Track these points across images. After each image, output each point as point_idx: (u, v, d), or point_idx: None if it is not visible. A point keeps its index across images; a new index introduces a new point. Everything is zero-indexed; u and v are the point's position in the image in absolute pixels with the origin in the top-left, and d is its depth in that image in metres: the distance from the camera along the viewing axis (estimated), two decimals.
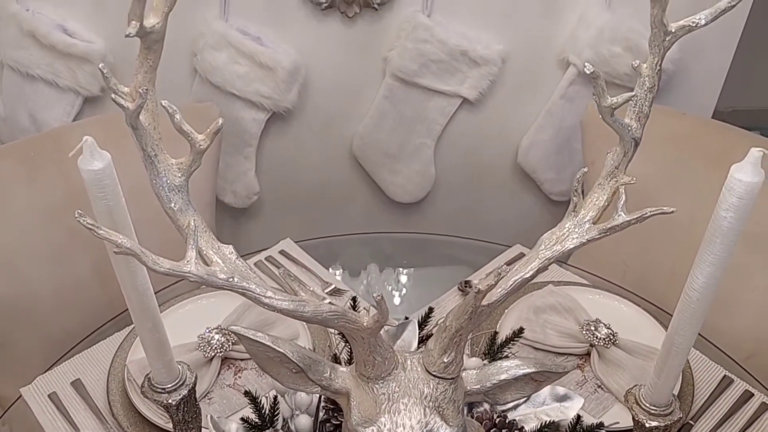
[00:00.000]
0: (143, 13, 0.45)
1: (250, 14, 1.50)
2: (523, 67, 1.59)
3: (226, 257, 0.54)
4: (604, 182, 0.61)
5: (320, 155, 1.72)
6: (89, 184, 0.52)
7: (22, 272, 1.27)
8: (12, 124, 1.59)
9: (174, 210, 0.52)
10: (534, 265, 0.59)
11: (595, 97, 0.56)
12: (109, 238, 0.47)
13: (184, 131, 0.49)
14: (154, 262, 0.49)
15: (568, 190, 1.74)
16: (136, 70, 0.48)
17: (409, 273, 1.42)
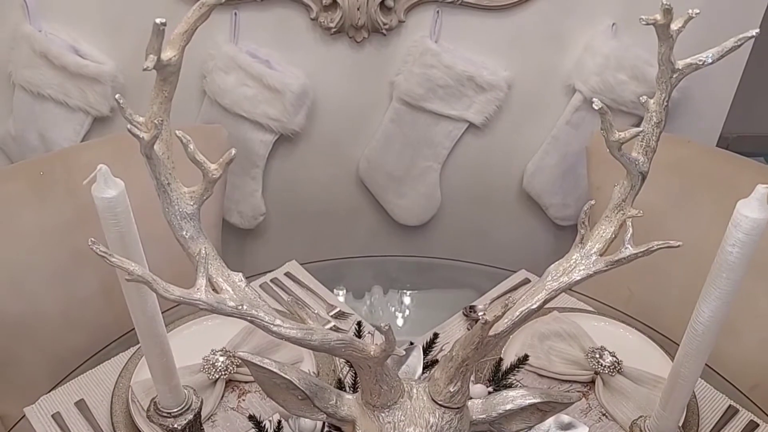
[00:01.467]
0: (161, 47, 0.46)
1: (260, 38, 1.52)
2: (529, 93, 1.60)
3: (236, 285, 0.55)
4: (611, 215, 0.61)
5: (327, 177, 1.73)
6: (102, 212, 0.53)
7: (28, 290, 1.28)
8: (22, 143, 1.60)
9: (185, 238, 0.53)
10: (541, 297, 0.60)
11: (603, 131, 0.56)
12: (121, 265, 0.48)
13: (198, 161, 0.50)
14: (165, 290, 0.50)
15: (573, 214, 1.75)
16: (152, 101, 0.49)
17: (412, 295, 1.42)
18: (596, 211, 1.46)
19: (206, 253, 0.51)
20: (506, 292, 1.29)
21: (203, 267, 0.51)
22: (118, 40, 1.52)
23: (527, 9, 1.49)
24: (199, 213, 0.53)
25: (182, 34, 0.47)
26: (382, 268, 1.49)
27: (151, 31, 0.44)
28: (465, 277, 1.46)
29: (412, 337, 1.26)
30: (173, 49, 0.47)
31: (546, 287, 0.59)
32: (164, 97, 0.49)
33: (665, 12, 0.54)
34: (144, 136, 0.47)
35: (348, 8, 1.45)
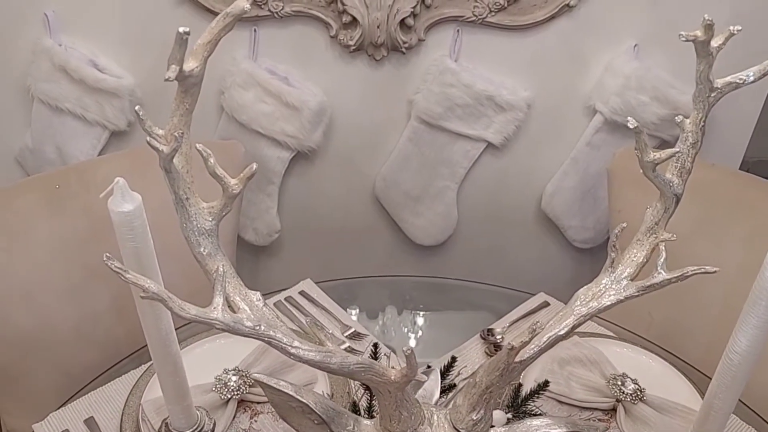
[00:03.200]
0: (183, 58, 0.45)
1: (279, 55, 1.51)
2: (548, 114, 1.59)
3: (253, 304, 0.53)
4: (643, 238, 0.59)
5: (342, 195, 1.71)
6: (118, 226, 0.51)
7: (40, 304, 1.27)
8: (39, 156, 1.60)
9: (203, 255, 0.51)
10: (569, 322, 0.57)
11: (637, 151, 0.54)
12: (137, 282, 0.46)
13: (218, 176, 0.49)
14: (181, 308, 0.48)
15: (591, 237, 1.72)
16: (172, 113, 0.47)
17: (427, 316, 1.40)
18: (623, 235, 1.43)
19: (224, 271, 0.49)
20: (525, 315, 1.26)
21: (220, 285, 0.50)
22: (136, 55, 1.52)
23: (548, 29, 1.48)
24: (218, 229, 0.52)
25: (205, 45, 0.46)
26: (397, 288, 1.47)
27: (174, 41, 0.43)
28: (481, 299, 1.44)
29: (428, 359, 1.24)
30: (196, 60, 0.46)
31: (574, 312, 0.57)
32: (185, 109, 0.47)
33: (706, 28, 0.52)
34: (163, 149, 0.45)
35: (368, 26, 1.44)
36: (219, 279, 0.50)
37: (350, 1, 1.42)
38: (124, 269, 0.45)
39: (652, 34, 1.48)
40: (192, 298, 1.16)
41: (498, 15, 1.45)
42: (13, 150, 1.64)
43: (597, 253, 1.77)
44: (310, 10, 1.45)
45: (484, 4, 1.43)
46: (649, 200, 1.41)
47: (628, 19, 1.47)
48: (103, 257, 0.45)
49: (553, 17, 1.46)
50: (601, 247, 1.75)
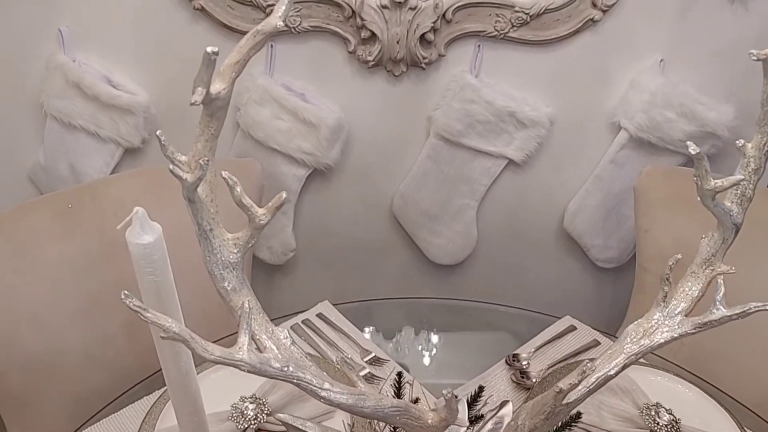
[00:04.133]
0: (211, 79, 0.41)
1: (296, 71, 1.48)
2: (571, 130, 1.55)
3: (281, 343, 0.49)
4: (698, 270, 0.55)
5: (359, 213, 1.68)
6: (137, 259, 0.48)
7: (50, 327, 1.24)
8: (51, 173, 1.58)
9: (227, 290, 0.47)
10: (619, 361, 0.53)
11: (696, 178, 0.50)
12: (157, 321, 0.42)
13: (244, 205, 0.45)
14: (204, 350, 0.44)
15: (615, 256, 1.68)
16: (196, 138, 0.44)
17: (443, 336, 1.36)
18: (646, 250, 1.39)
19: (250, 308, 0.46)
20: (551, 339, 1.22)
21: (246, 323, 0.46)
22: (152, 71, 1.50)
23: (571, 44, 1.45)
24: (243, 262, 0.48)
25: (233, 65, 0.42)
26: (413, 308, 1.43)
27: (201, 61, 0.39)
28: (500, 321, 1.40)
29: (447, 380, 1.21)
30: (223, 82, 0.43)
31: (624, 351, 0.53)
32: (210, 134, 0.44)
33: None
34: (187, 177, 0.42)
35: (387, 42, 1.41)
36: (245, 316, 0.46)
37: (369, 16, 1.39)
38: (143, 308, 0.42)
39: (678, 49, 1.45)
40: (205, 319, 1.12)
41: (520, 30, 1.41)
42: (26, 167, 1.62)
43: (620, 273, 1.73)
44: (328, 25, 1.42)
45: (506, 19, 1.40)
46: (678, 220, 1.38)
47: (653, 33, 1.43)
48: (121, 295, 0.42)
49: (577, 32, 1.42)
50: (624, 267, 1.70)
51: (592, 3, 1.38)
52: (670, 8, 1.41)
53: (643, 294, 1.43)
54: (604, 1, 1.37)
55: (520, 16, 1.39)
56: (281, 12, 0.44)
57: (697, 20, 1.41)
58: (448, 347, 1.33)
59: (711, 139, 1.47)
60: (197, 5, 1.40)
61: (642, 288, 1.43)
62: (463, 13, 1.40)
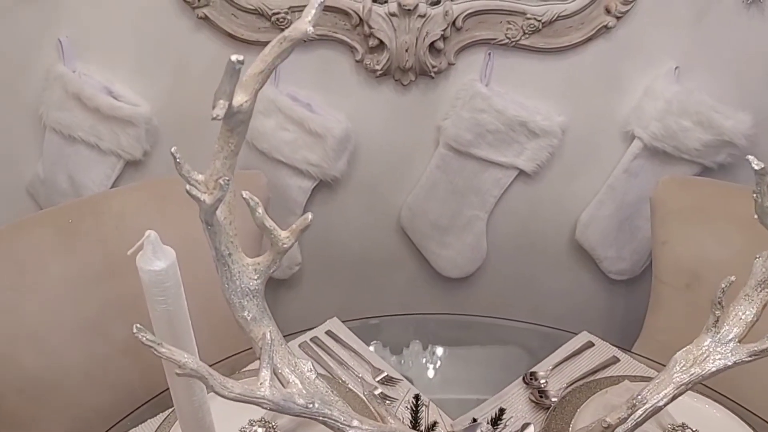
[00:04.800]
0: (234, 92, 0.37)
1: (302, 80, 1.45)
2: (583, 139, 1.51)
3: (305, 377, 0.45)
4: (753, 293, 0.51)
5: (366, 226, 1.64)
6: (148, 286, 0.44)
7: (50, 345, 1.21)
8: (51, 187, 1.54)
9: (247, 320, 0.43)
10: (668, 392, 0.49)
11: (756, 195, 0.46)
12: (172, 357, 0.38)
13: (267, 228, 0.41)
14: (223, 387, 0.40)
15: (628, 268, 1.64)
16: (214, 155, 0.40)
17: (451, 350, 1.32)
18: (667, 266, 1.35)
19: (272, 339, 0.42)
20: (568, 356, 1.18)
21: (268, 356, 0.42)
22: (153, 82, 1.46)
23: (584, 51, 1.41)
24: (263, 289, 0.44)
25: (257, 76, 0.39)
26: (422, 324, 1.40)
27: (224, 72, 0.36)
28: (510, 335, 1.36)
29: (459, 397, 1.17)
30: (245, 93, 0.39)
31: (674, 380, 0.49)
32: (230, 151, 0.40)
33: None
34: (205, 198, 0.38)
35: (396, 50, 1.38)
36: (266, 349, 0.42)
37: (377, 24, 1.35)
38: (157, 342, 0.38)
39: (693, 56, 1.41)
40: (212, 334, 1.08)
41: (532, 37, 1.38)
42: (24, 180, 1.59)
43: (632, 286, 1.69)
44: (335, 33, 1.39)
45: (517, 26, 1.37)
46: (696, 231, 1.34)
47: (668, 40, 1.40)
48: (133, 329, 0.38)
49: (590, 39, 1.39)
50: (637, 279, 1.66)
51: (606, 9, 1.35)
52: (685, 14, 1.38)
53: (659, 307, 1.39)
54: (618, 8, 1.34)
55: (532, 23, 1.36)
56: (311, 16, 0.41)
57: (712, 26, 1.38)
58: (458, 363, 1.30)
59: (727, 147, 1.44)
60: (200, 14, 1.37)
61: (658, 301, 1.40)
62: (474, 20, 1.37)
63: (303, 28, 0.41)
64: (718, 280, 1.36)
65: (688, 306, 1.34)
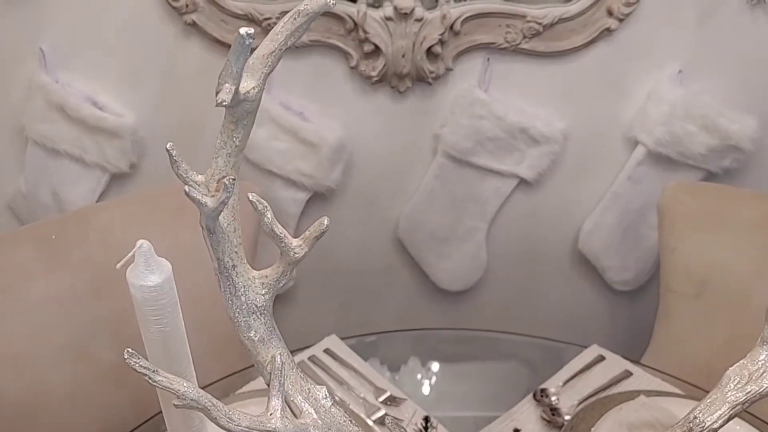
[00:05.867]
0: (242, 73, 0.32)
1: (294, 88, 1.40)
2: (585, 146, 1.47)
3: (320, 404, 0.40)
4: None
5: (362, 238, 1.59)
6: (141, 304, 0.38)
7: (34, 368, 1.15)
8: (33, 202, 1.49)
9: (254, 341, 0.38)
10: (723, 412, 0.44)
11: None
12: (170, 387, 0.33)
13: (277, 235, 0.36)
14: (229, 419, 0.35)
15: (632, 278, 1.59)
16: (216, 152, 0.35)
17: (449, 366, 1.28)
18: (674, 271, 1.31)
19: (282, 363, 0.36)
20: (579, 371, 1.13)
21: (278, 383, 0.36)
22: (140, 92, 1.41)
23: (586, 54, 1.37)
24: (272, 306, 0.39)
25: (266, 58, 0.33)
26: (421, 336, 1.35)
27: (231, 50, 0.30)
28: (512, 349, 1.32)
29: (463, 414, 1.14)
30: (252, 79, 0.34)
31: (728, 399, 0.44)
32: (234, 146, 0.35)
33: None
34: (208, 202, 0.33)
35: (391, 56, 1.33)
36: (276, 375, 0.36)
37: (373, 29, 1.31)
38: (152, 369, 0.32)
39: (697, 58, 1.38)
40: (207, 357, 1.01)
41: (532, 41, 1.34)
42: (5, 196, 1.53)
43: (636, 297, 1.65)
44: (329, 39, 1.34)
45: (517, 30, 1.33)
46: (706, 238, 1.29)
47: (671, 42, 1.37)
48: (124, 354, 0.32)
49: (592, 42, 1.35)
50: (640, 290, 1.62)
51: (608, 11, 1.31)
52: (688, 15, 1.34)
53: (668, 317, 1.35)
54: (621, 9, 1.31)
55: (533, 26, 1.32)
56: None
57: (716, 28, 1.35)
58: (459, 379, 1.26)
59: (733, 152, 1.40)
60: (189, 20, 1.32)
61: (667, 310, 1.35)
62: (472, 24, 1.33)
63: (323, 0, 0.36)
64: (729, 287, 1.32)
65: (698, 315, 1.30)
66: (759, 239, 1.27)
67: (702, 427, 0.42)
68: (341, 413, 0.41)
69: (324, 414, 0.40)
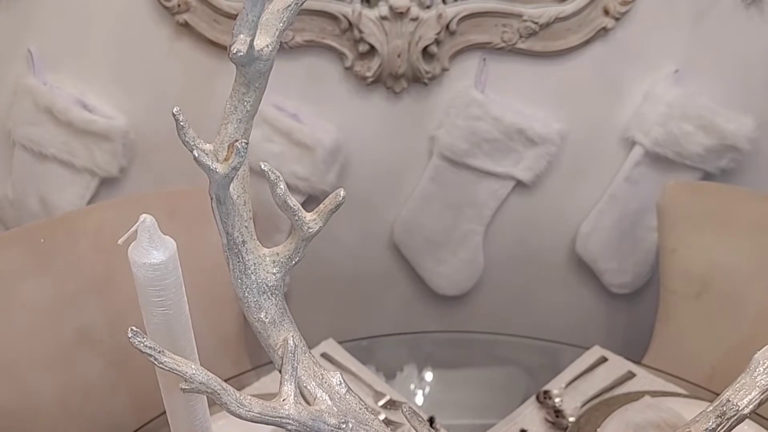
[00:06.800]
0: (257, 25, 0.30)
1: (288, 89, 1.38)
2: (582, 147, 1.46)
3: (334, 391, 0.37)
4: None
5: (357, 242, 1.57)
6: (143, 285, 0.36)
7: (21, 377, 1.12)
8: (20, 208, 1.45)
9: (264, 322, 0.36)
10: (753, 397, 0.42)
11: None
12: (177, 368, 0.31)
13: (290, 207, 0.34)
14: (240, 404, 0.33)
15: (629, 282, 1.58)
16: (225, 117, 0.33)
17: (447, 371, 1.27)
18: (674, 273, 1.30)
19: (294, 346, 0.34)
20: (582, 373, 1.11)
21: (291, 367, 0.34)
22: (130, 94, 1.38)
23: (582, 54, 1.36)
24: (283, 285, 0.36)
25: (281, 12, 0.31)
26: (417, 343, 1.34)
27: None
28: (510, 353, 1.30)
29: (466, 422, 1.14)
30: (267, 36, 0.32)
31: (758, 384, 0.42)
32: (245, 111, 0.33)
33: None
34: (218, 168, 0.30)
35: (387, 56, 1.32)
36: (289, 358, 0.34)
37: (368, 29, 1.29)
38: (158, 349, 0.30)
39: (694, 58, 1.37)
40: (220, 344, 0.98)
41: (529, 41, 1.33)
42: None
43: (634, 300, 1.63)
44: (323, 39, 1.32)
45: (513, 29, 1.32)
46: (706, 238, 1.28)
47: (668, 41, 1.36)
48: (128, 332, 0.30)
49: (588, 42, 1.34)
50: (638, 293, 1.60)
51: (605, 10, 1.31)
52: (684, 14, 1.34)
53: (669, 318, 1.33)
54: (617, 8, 1.30)
55: (529, 25, 1.31)
56: None
57: (712, 27, 1.34)
58: (457, 385, 1.25)
59: (730, 152, 1.39)
60: (181, 20, 1.29)
61: (667, 311, 1.34)
62: (468, 23, 1.31)
63: None
64: (730, 287, 1.30)
65: (699, 315, 1.29)
66: (760, 239, 1.26)
67: (736, 410, 0.39)
68: (357, 400, 0.39)
69: (339, 401, 0.38)
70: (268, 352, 0.38)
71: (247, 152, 0.33)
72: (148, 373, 0.64)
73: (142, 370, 0.89)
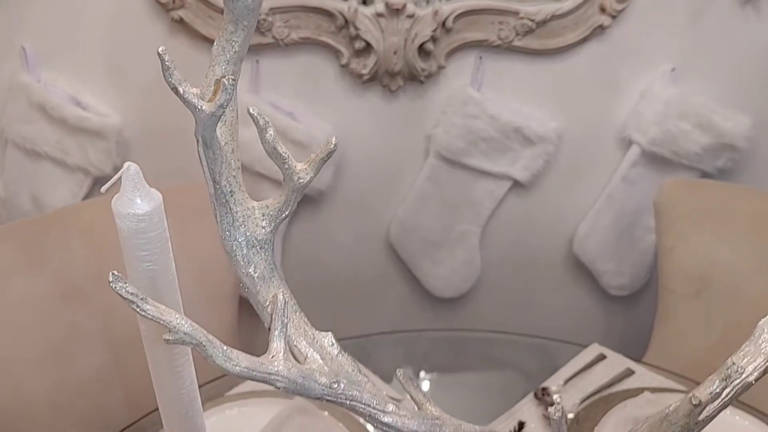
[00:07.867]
0: None
1: (283, 87, 1.37)
2: (579, 146, 1.45)
3: (325, 351, 0.36)
4: None
5: (353, 243, 1.55)
6: (127, 237, 0.34)
7: (14, 374, 1.09)
8: (12, 207, 1.43)
9: (253, 277, 0.34)
10: (759, 364, 0.41)
11: None
12: (160, 317, 0.29)
13: (280, 155, 0.33)
14: (226, 357, 0.31)
15: (627, 283, 1.56)
16: (213, 59, 0.31)
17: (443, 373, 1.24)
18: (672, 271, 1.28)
19: (284, 302, 0.33)
20: (581, 370, 1.09)
21: (281, 323, 0.33)
22: (124, 91, 1.38)
23: (579, 53, 1.36)
24: (273, 239, 0.35)
25: None
26: (413, 345, 1.32)
27: None
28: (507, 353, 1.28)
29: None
30: None
31: (762, 351, 0.41)
32: (233, 52, 0.32)
33: None
34: (204, 107, 0.29)
35: (383, 53, 1.31)
36: (278, 314, 0.33)
37: (364, 26, 1.29)
38: (141, 296, 0.29)
39: (689, 57, 1.37)
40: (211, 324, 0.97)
41: (525, 38, 1.32)
42: None
43: (631, 301, 1.62)
44: (319, 36, 1.32)
45: (510, 27, 1.31)
46: (705, 236, 1.27)
47: (664, 40, 1.36)
48: (109, 276, 0.29)
49: (585, 39, 1.34)
50: (635, 294, 1.59)
51: (601, 8, 1.30)
52: (680, 13, 1.34)
53: (668, 317, 1.32)
54: (614, 6, 1.30)
55: (526, 23, 1.30)
56: None
57: (708, 26, 1.34)
58: (454, 386, 1.23)
59: (728, 151, 1.39)
60: (176, 16, 1.29)
61: (666, 310, 1.32)
62: (465, 21, 1.31)
63: None
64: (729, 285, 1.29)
65: (698, 314, 1.27)
66: (758, 236, 1.25)
67: (741, 372, 0.38)
68: (349, 362, 0.37)
69: (330, 361, 0.36)
70: (257, 309, 0.36)
71: (235, 89, 0.32)
72: (141, 369, 0.63)
73: (135, 367, 0.87)
